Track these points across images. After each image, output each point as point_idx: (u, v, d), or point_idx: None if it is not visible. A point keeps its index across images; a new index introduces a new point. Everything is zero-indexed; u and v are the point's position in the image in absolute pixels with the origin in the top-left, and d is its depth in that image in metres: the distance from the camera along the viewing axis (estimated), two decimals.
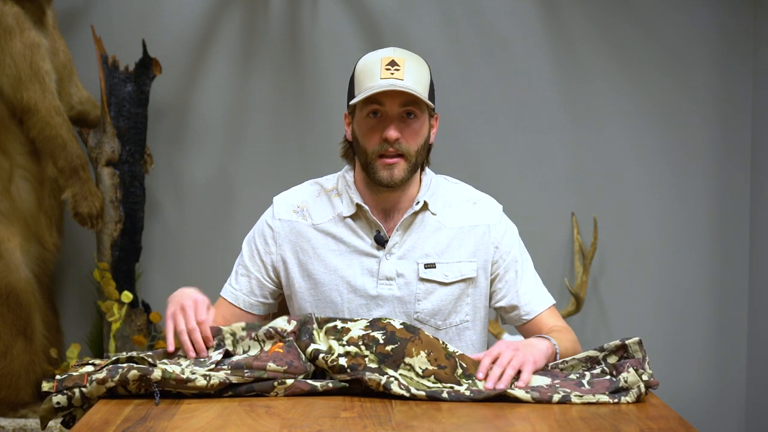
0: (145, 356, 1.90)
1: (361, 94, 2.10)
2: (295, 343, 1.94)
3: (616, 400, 1.86)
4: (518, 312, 2.25)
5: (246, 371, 1.86)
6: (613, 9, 3.71)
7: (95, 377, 1.82)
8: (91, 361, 1.92)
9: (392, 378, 1.87)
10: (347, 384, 1.89)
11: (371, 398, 1.86)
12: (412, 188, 2.21)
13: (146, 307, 3.50)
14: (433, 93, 2.18)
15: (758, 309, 3.71)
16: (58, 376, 1.86)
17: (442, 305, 2.20)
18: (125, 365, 1.84)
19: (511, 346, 1.98)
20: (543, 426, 1.71)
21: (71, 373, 1.87)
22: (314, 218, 2.22)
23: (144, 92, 3.46)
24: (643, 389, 1.88)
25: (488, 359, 1.96)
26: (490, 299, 2.27)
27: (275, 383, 1.86)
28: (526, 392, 1.87)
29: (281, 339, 1.94)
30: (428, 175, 2.25)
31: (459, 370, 1.94)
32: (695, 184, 3.76)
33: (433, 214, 2.22)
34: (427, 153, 2.21)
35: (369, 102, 2.11)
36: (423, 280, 2.19)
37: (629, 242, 3.76)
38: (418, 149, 2.14)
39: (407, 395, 1.85)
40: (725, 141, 3.74)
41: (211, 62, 3.66)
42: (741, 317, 3.78)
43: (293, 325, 1.97)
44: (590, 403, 1.85)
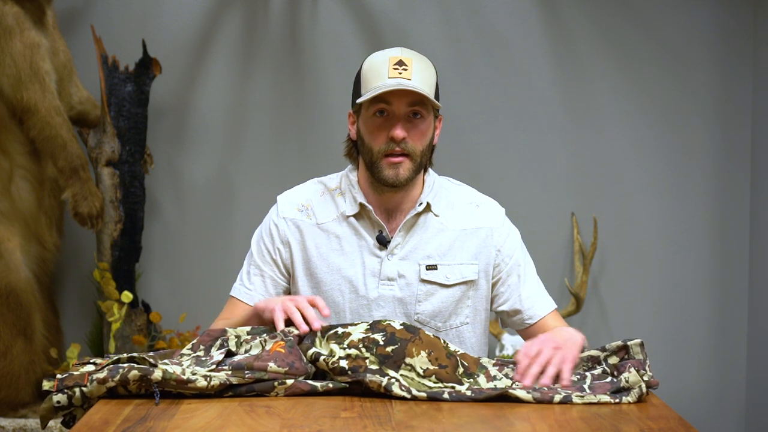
0: (146, 356, 1.90)
1: (369, 93, 2.10)
2: (297, 345, 1.94)
3: (618, 401, 1.86)
4: (521, 316, 2.24)
5: (247, 372, 1.86)
6: (613, 9, 3.71)
7: (96, 377, 1.82)
8: (92, 360, 1.92)
9: (393, 379, 1.87)
10: (347, 384, 1.89)
11: (371, 398, 1.86)
12: (415, 189, 2.21)
13: (146, 307, 3.50)
14: (438, 94, 2.18)
15: (758, 309, 3.71)
16: (59, 375, 1.86)
17: (443, 307, 2.20)
18: (126, 365, 1.84)
19: (551, 343, 1.96)
20: (543, 426, 1.71)
21: (72, 372, 1.87)
22: (318, 217, 2.22)
23: (144, 92, 3.46)
24: (645, 389, 1.88)
25: (526, 360, 1.94)
26: (492, 303, 2.26)
27: (275, 383, 1.86)
28: (528, 392, 1.86)
29: (283, 337, 1.94)
30: (431, 177, 2.25)
31: (460, 369, 1.94)
32: (695, 184, 3.75)
33: (436, 216, 2.21)
34: (431, 154, 2.22)
35: (376, 101, 2.10)
36: (424, 282, 2.19)
37: (629, 242, 3.76)
38: (423, 149, 2.14)
39: (408, 397, 1.85)
40: (725, 141, 3.74)
41: (211, 62, 3.66)
42: (741, 317, 3.78)
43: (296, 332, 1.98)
44: (591, 403, 1.85)
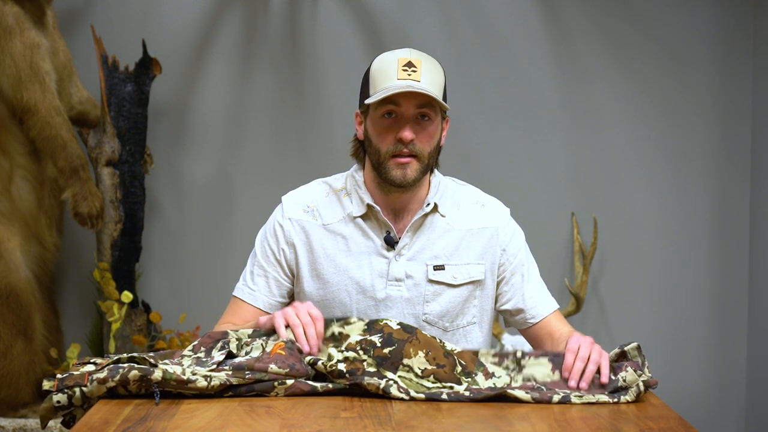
0: (147, 356, 1.90)
1: (378, 94, 2.09)
2: (297, 350, 1.94)
3: (616, 400, 1.86)
4: (524, 315, 2.24)
5: (247, 372, 1.86)
6: (613, 9, 3.71)
7: (96, 377, 1.82)
8: (92, 360, 1.92)
9: (391, 381, 1.87)
10: (347, 385, 1.88)
11: (371, 398, 1.86)
12: (422, 189, 2.21)
13: (146, 307, 3.50)
14: (446, 95, 2.18)
15: (758, 309, 3.71)
16: (59, 375, 1.86)
17: (450, 307, 2.19)
18: (126, 365, 1.84)
19: (587, 340, 1.98)
20: (543, 426, 1.71)
21: (72, 372, 1.87)
22: (324, 218, 2.22)
23: (144, 92, 3.46)
24: (642, 388, 1.88)
25: (571, 356, 1.95)
26: (496, 302, 2.26)
27: (275, 383, 1.86)
28: (526, 392, 1.86)
29: (282, 339, 1.94)
30: (437, 177, 2.25)
31: (458, 368, 1.94)
32: (695, 184, 3.75)
33: (442, 216, 2.21)
34: (437, 155, 2.21)
35: (385, 102, 2.10)
36: (432, 282, 2.19)
37: (629, 242, 3.76)
38: (431, 151, 2.14)
39: (407, 398, 1.85)
40: (725, 141, 3.74)
41: (211, 62, 3.66)
42: (741, 317, 3.77)
43: None
44: (590, 403, 1.85)
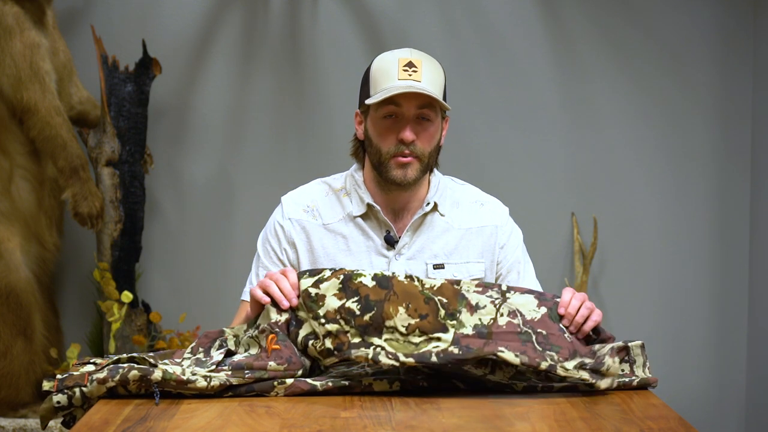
0: (146, 356, 1.90)
1: (379, 95, 2.10)
2: (288, 338, 1.94)
3: (594, 381, 1.88)
4: None
5: (247, 372, 1.86)
6: (613, 9, 3.71)
7: (96, 377, 1.82)
8: (92, 360, 1.92)
9: (379, 348, 1.87)
10: (347, 383, 1.89)
11: (371, 398, 1.86)
12: (422, 189, 2.21)
13: (146, 307, 3.50)
14: (446, 95, 2.18)
15: (758, 309, 3.71)
16: (59, 376, 1.87)
17: None
18: (126, 365, 1.84)
19: (581, 293, 2.02)
20: (543, 426, 1.71)
21: (72, 373, 1.87)
22: (324, 218, 2.22)
23: (144, 92, 3.46)
24: (615, 384, 1.92)
25: (568, 293, 1.98)
26: None
27: (275, 383, 1.86)
28: (516, 355, 1.86)
29: (271, 330, 1.93)
30: (436, 176, 2.25)
31: (441, 312, 1.93)
32: (695, 184, 3.75)
33: (442, 216, 2.22)
34: (437, 155, 2.22)
35: (386, 103, 2.10)
36: None
37: (629, 242, 3.76)
38: (431, 151, 2.15)
39: (397, 364, 1.86)
40: (725, 141, 3.74)
41: (211, 62, 3.66)
42: (741, 317, 3.78)
43: (284, 316, 1.96)
44: (572, 381, 1.88)
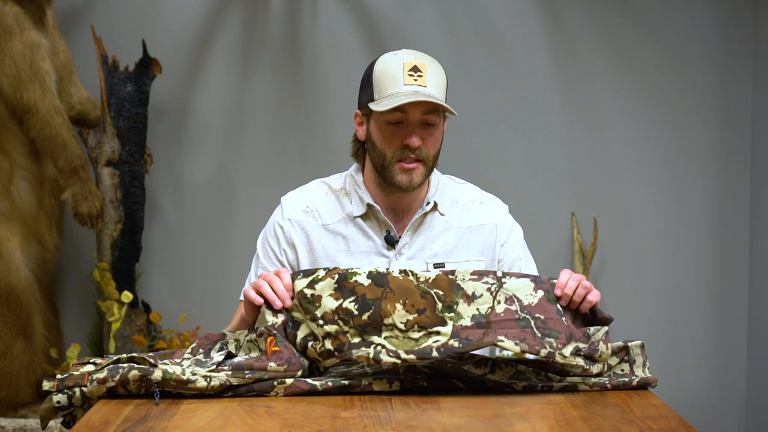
0: (146, 356, 1.90)
1: (386, 101, 2.08)
2: (286, 340, 1.94)
3: (588, 367, 1.91)
4: None
5: (247, 372, 1.86)
6: (613, 9, 3.71)
7: (96, 377, 1.82)
8: (92, 360, 1.92)
9: (380, 347, 1.87)
10: (347, 383, 1.89)
11: (371, 398, 1.86)
12: (423, 188, 2.21)
13: (146, 307, 3.50)
14: (446, 95, 2.18)
15: (758, 309, 3.71)
16: (59, 376, 1.87)
17: None
18: (126, 365, 1.84)
19: (574, 274, 2.03)
20: (543, 426, 1.71)
21: (72, 373, 1.87)
22: (324, 218, 2.22)
23: (144, 92, 3.46)
24: (605, 369, 1.94)
25: (565, 276, 1.99)
26: None
27: (275, 383, 1.86)
28: (516, 344, 1.87)
29: (269, 333, 1.93)
30: (436, 176, 2.25)
31: (439, 305, 1.93)
32: (695, 184, 3.75)
33: (441, 215, 2.22)
34: (438, 155, 2.22)
35: (393, 109, 2.09)
36: None
37: (629, 242, 3.76)
38: (435, 154, 2.16)
39: (398, 361, 1.86)
40: (725, 141, 3.74)
41: (211, 62, 3.66)
42: (741, 317, 3.78)
43: (281, 318, 1.96)
44: (572, 384, 1.90)
